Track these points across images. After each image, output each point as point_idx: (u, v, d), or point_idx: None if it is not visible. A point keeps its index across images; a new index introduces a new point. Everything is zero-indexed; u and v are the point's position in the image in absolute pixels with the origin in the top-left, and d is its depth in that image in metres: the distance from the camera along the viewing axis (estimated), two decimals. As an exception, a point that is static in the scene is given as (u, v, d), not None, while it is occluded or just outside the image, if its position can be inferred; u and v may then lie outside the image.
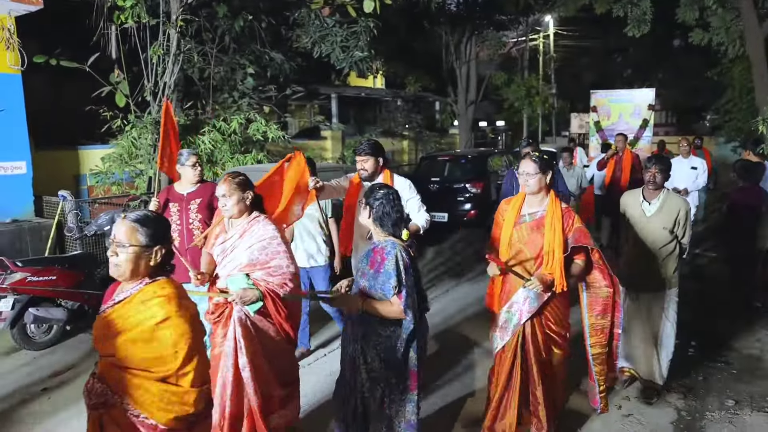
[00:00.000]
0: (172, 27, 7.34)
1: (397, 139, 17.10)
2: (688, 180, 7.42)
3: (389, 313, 2.57)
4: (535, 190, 3.14)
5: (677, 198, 3.83)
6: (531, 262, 3.15)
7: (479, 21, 16.09)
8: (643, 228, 3.84)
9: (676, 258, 3.85)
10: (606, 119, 11.22)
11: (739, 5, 10.33)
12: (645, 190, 3.88)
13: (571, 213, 3.15)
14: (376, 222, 2.67)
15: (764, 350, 4.73)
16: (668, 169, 3.76)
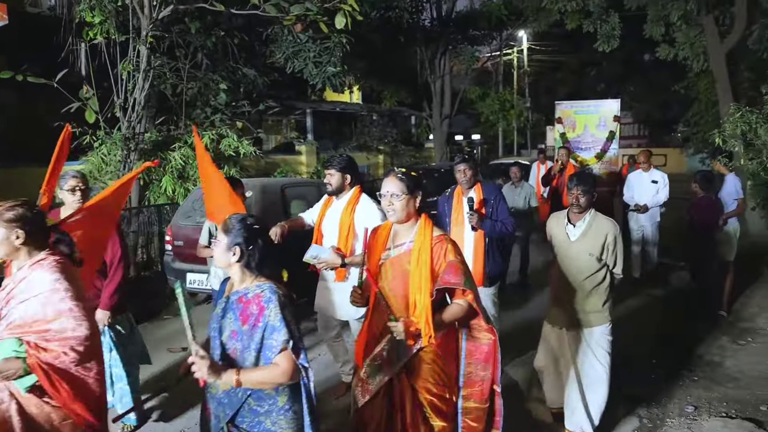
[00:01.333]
0: (142, 43, 7.32)
1: (372, 153, 17.18)
2: (648, 194, 7.13)
3: (275, 379, 2.03)
4: (401, 216, 2.50)
5: (605, 221, 3.42)
6: (397, 308, 2.51)
7: (453, 36, 16.33)
8: (568, 254, 3.45)
9: (606, 290, 3.45)
10: (572, 131, 10.99)
11: (701, 22, 10.65)
12: (570, 212, 3.50)
13: (444, 243, 2.51)
14: (249, 266, 2.12)
15: (725, 357, 4.84)
16: (592, 189, 3.37)
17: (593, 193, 3.41)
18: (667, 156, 26.99)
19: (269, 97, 10.99)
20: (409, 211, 2.52)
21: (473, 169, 4.14)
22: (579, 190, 3.36)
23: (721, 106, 10.70)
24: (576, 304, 3.45)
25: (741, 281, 6.85)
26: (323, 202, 3.99)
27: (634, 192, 7.24)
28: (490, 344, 2.61)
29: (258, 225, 2.17)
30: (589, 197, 3.38)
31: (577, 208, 3.42)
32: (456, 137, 27.09)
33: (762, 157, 5.46)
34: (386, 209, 2.53)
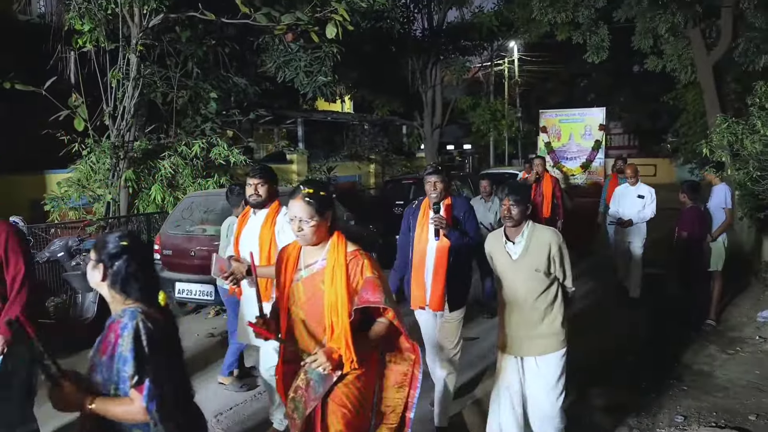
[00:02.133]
0: (132, 51, 7.31)
1: (364, 162, 17.20)
2: (633, 209, 6.75)
3: (131, 415, 1.79)
4: (312, 241, 2.31)
5: (545, 231, 3.13)
6: (313, 334, 2.35)
7: (444, 47, 16.42)
8: (513, 275, 3.12)
9: (561, 307, 3.14)
10: (557, 140, 10.73)
11: (688, 35, 10.79)
12: (506, 229, 3.17)
13: (359, 258, 2.33)
14: (115, 287, 1.90)
15: (714, 366, 4.84)
16: (526, 200, 3.07)
17: (527, 204, 3.10)
18: (657, 166, 27.26)
19: (260, 106, 11.00)
20: (321, 233, 2.32)
21: (445, 182, 3.64)
22: (510, 200, 3.04)
23: (708, 116, 10.82)
24: (530, 328, 3.11)
25: (729, 291, 6.90)
26: (238, 220, 3.76)
27: (620, 206, 6.96)
28: (410, 364, 2.47)
29: (127, 242, 1.91)
30: (522, 208, 3.06)
31: (510, 222, 3.08)
32: (447, 147, 27.21)
33: (749, 167, 5.51)
34: (296, 234, 2.31)
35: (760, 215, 7.13)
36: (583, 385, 4.43)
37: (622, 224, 6.74)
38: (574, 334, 3.06)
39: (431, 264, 3.62)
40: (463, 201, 3.83)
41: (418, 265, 3.67)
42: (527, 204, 3.08)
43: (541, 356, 3.12)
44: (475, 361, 4.96)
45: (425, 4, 16.08)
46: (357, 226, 8.17)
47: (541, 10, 11.42)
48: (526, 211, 3.08)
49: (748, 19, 9.57)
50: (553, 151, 10.84)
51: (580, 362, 4.89)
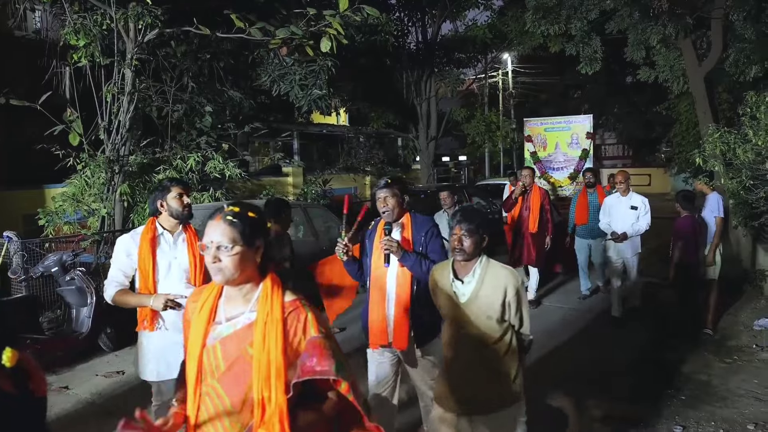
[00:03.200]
0: (127, 66, 7.33)
1: (359, 174, 17.23)
2: (626, 222, 6.26)
3: None
4: (233, 276, 1.68)
5: (501, 270, 2.61)
6: (235, 416, 1.70)
7: (438, 59, 16.55)
8: (459, 319, 2.60)
9: (515, 358, 2.63)
10: (542, 150, 10.36)
11: (680, 46, 10.90)
12: (455, 263, 2.67)
13: (301, 312, 1.72)
14: None
15: (712, 375, 4.83)
16: (482, 227, 2.56)
17: (483, 235, 2.57)
18: (651, 176, 27.42)
19: (256, 120, 11.02)
20: (247, 270, 1.70)
21: (397, 197, 3.13)
22: (462, 229, 2.53)
23: (701, 126, 10.91)
24: (478, 383, 2.60)
25: (725, 300, 6.91)
26: (138, 244, 3.15)
27: (611, 218, 6.45)
28: None
29: None
30: (476, 239, 2.54)
31: (460, 255, 2.57)
32: (443, 159, 27.28)
33: (741, 176, 5.54)
34: (210, 267, 1.69)
35: (755, 224, 7.17)
36: (581, 396, 4.41)
37: (616, 239, 6.25)
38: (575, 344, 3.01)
39: (392, 293, 3.14)
40: (424, 219, 3.26)
41: (378, 295, 3.18)
42: (483, 235, 2.57)
43: (493, 414, 2.61)
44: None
45: (419, 18, 16.23)
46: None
47: (534, 22, 11.54)
48: (482, 243, 2.57)
49: (738, 30, 9.69)
50: (539, 161, 10.45)
51: (578, 373, 4.90)
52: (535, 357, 5.39)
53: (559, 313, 6.86)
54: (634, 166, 30.22)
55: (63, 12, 7.42)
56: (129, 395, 4.81)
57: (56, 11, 7.80)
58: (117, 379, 5.17)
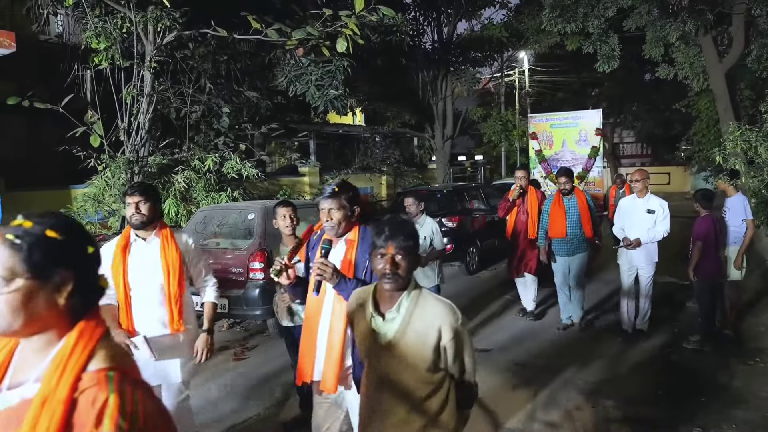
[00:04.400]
0: (147, 68, 7.45)
1: (375, 174, 17.27)
2: (642, 227, 5.59)
3: None
4: (10, 324, 1.13)
5: (435, 304, 2.02)
6: None
7: (454, 59, 16.51)
8: (381, 366, 2.05)
9: (452, 416, 2.06)
10: (548, 147, 9.37)
11: (700, 42, 10.76)
12: (378, 292, 2.08)
13: (101, 389, 1.08)
14: None
15: (733, 378, 4.76)
16: (412, 247, 2.00)
17: (416, 253, 2.03)
18: (671, 174, 27.07)
19: (272, 120, 11.12)
20: (40, 313, 1.14)
21: (345, 209, 2.59)
22: (395, 246, 1.96)
23: (721, 124, 10.76)
24: None
25: (748, 300, 6.80)
26: (113, 250, 3.01)
27: (625, 222, 5.80)
28: None
29: None
30: (413, 260, 2.00)
31: (393, 282, 1.97)
32: (459, 158, 27.21)
33: (763, 174, 5.45)
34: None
35: (777, 223, 7.05)
36: (600, 398, 4.38)
37: (629, 245, 5.65)
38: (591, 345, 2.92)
39: (325, 326, 2.55)
40: None
41: (309, 325, 2.65)
42: (416, 252, 2.03)
43: None
44: (490, 378, 4.92)
45: (435, 17, 16.20)
46: (369, 238, 8.19)
47: (550, 20, 11.47)
48: (414, 263, 2.02)
49: (761, 26, 9.53)
50: (545, 159, 9.45)
51: (595, 373, 4.87)
52: (548, 355, 5.38)
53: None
54: (653, 165, 29.89)
55: (84, 16, 7.57)
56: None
57: (78, 15, 7.94)
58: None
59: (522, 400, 4.42)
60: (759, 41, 9.85)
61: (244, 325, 6.67)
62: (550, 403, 4.34)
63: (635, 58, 14.33)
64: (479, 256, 9.71)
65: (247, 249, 6.06)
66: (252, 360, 5.60)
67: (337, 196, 2.59)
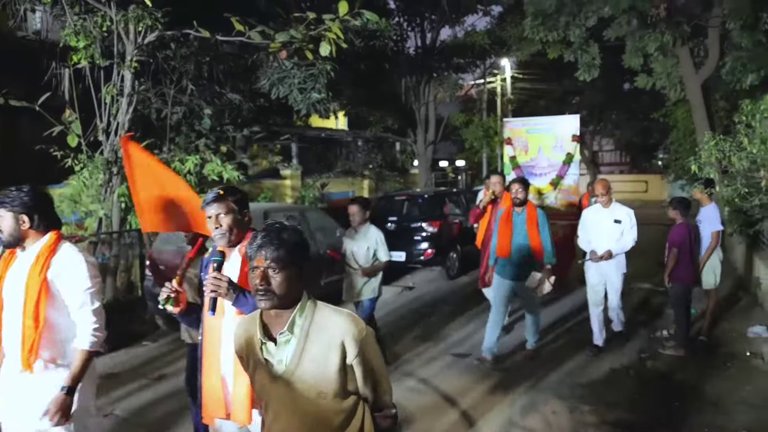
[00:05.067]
0: (127, 68, 7.35)
1: (357, 178, 17.28)
2: (610, 237, 5.45)
3: None
4: None
5: (334, 316, 1.78)
6: None
7: (437, 64, 16.61)
8: (279, 400, 1.79)
9: None
10: (523, 153, 8.96)
11: (677, 53, 10.98)
12: (264, 313, 1.82)
13: None
14: None
15: (705, 382, 4.85)
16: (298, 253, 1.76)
17: (300, 266, 1.76)
18: (649, 182, 27.53)
19: (255, 123, 11.04)
20: None
21: (234, 213, 2.37)
22: (266, 258, 1.70)
23: (697, 134, 10.98)
24: None
25: (721, 307, 6.94)
26: (3, 260, 2.67)
27: (592, 234, 5.63)
28: None
29: None
30: (290, 273, 1.72)
31: (268, 300, 1.71)
32: (440, 163, 27.34)
33: (736, 184, 5.58)
34: None
35: (750, 231, 7.21)
36: (577, 403, 4.43)
37: (597, 259, 5.47)
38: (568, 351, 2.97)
39: (229, 349, 2.17)
40: None
41: (211, 352, 2.37)
42: (301, 265, 1.75)
43: None
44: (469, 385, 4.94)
45: (418, 23, 16.29)
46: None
47: (532, 28, 11.60)
48: (300, 278, 1.75)
49: (735, 39, 9.76)
50: (519, 166, 9.03)
51: (572, 378, 4.92)
52: (527, 360, 5.42)
53: (546, 318, 6.85)
54: (632, 173, 30.43)
55: (63, 13, 7.44)
56: (123, 396, 4.82)
57: (57, 12, 7.81)
58: (111, 381, 5.17)
59: (500, 404, 4.46)
60: (733, 54, 10.09)
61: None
62: (528, 407, 4.38)
63: (615, 67, 14.55)
64: (460, 260, 9.76)
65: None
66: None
67: (223, 199, 2.36)
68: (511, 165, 9.08)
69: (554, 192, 8.65)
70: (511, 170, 8.97)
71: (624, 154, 32.01)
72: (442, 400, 4.51)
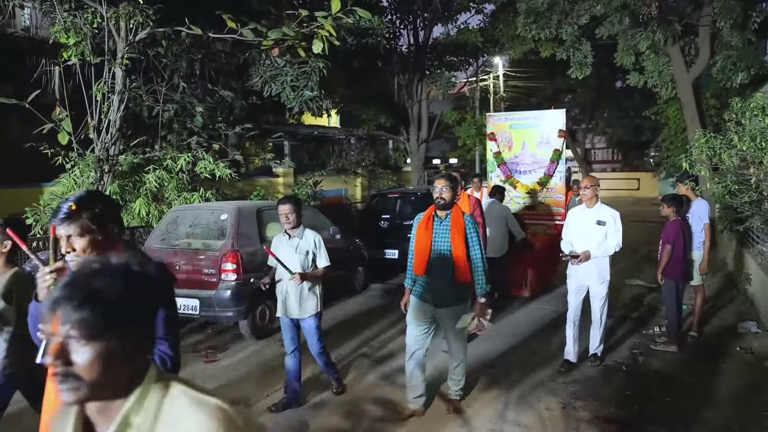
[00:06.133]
0: (118, 65, 7.31)
1: (350, 176, 17.27)
2: (592, 239, 4.94)
3: None
4: None
5: (187, 413, 1.11)
6: None
7: (430, 62, 16.61)
8: None
9: None
10: (507, 150, 8.57)
11: (668, 52, 11.05)
12: (86, 405, 1.14)
13: None
14: None
15: (697, 378, 4.89)
16: (116, 313, 1.04)
17: (120, 331, 1.06)
18: (641, 180, 27.68)
19: (247, 120, 11.02)
20: None
21: (92, 233, 1.84)
22: (67, 322, 1.03)
23: (689, 131, 11.06)
24: None
25: (712, 303, 7.00)
26: None
27: (574, 235, 5.14)
28: None
29: None
30: (104, 348, 1.04)
31: (67, 389, 1.05)
32: (433, 161, 27.37)
33: (727, 181, 5.62)
34: None
35: (740, 228, 7.27)
36: (570, 399, 4.46)
37: (576, 259, 4.98)
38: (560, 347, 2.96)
39: None
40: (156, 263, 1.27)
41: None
42: (123, 329, 1.07)
43: None
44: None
45: (411, 21, 16.28)
46: (343, 240, 8.18)
47: (525, 27, 11.62)
48: (122, 349, 1.07)
49: (725, 38, 9.83)
50: (504, 162, 8.60)
51: (566, 375, 4.94)
52: (519, 357, 5.44)
53: (538, 314, 6.87)
54: (624, 170, 30.57)
55: (53, 9, 7.39)
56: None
57: (46, 9, 7.75)
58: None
59: (492, 400, 4.47)
60: (723, 53, 10.17)
61: (216, 327, 6.58)
62: (520, 403, 4.40)
63: (607, 65, 14.62)
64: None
65: (219, 250, 5.99)
66: (224, 362, 5.54)
67: (75, 217, 1.81)
68: (495, 162, 8.73)
69: (542, 192, 8.38)
70: (495, 167, 8.68)
71: (616, 152, 32.18)
72: (435, 397, 4.51)
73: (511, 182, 8.43)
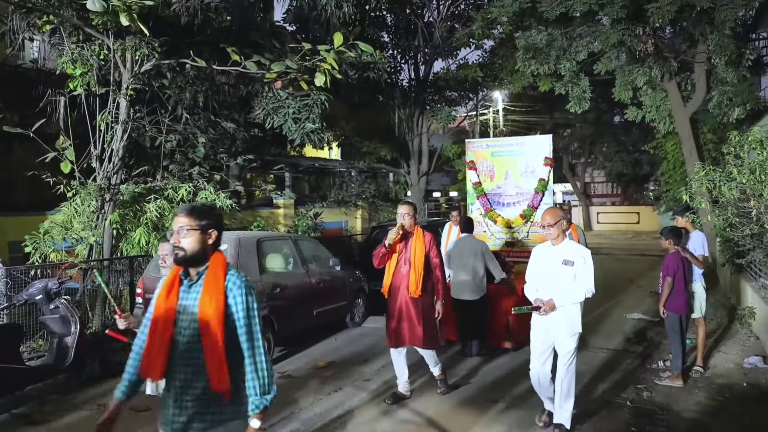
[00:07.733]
0: (122, 96, 7.40)
1: (351, 208, 17.31)
2: (557, 283, 4.11)
3: None
4: None
5: None
6: None
7: (430, 97, 16.83)
8: None
9: None
10: (489, 179, 7.71)
11: (665, 87, 11.21)
12: None
13: None
14: None
15: (703, 413, 4.79)
16: None
17: None
18: (640, 213, 27.75)
19: (249, 152, 11.10)
20: None
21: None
22: None
23: (687, 165, 11.13)
24: None
25: (716, 337, 6.91)
26: None
27: (538, 280, 4.27)
28: None
29: None
30: None
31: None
32: (434, 194, 27.48)
33: (727, 213, 5.63)
34: None
35: (741, 261, 7.24)
36: (572, 433, 4.35)
37: (539, 309, 4.12)
38: None
39: None
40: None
41: None
42: None
43: None
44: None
45: (412, 56, 16.56)
46: (343, 271, 8.14)
47: (524, 62, 11.80)
48: None
49: (720, 74, 9.98)
50: (484, 194, 7.71)
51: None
52: (521, 390, 5.34)
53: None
54: (623, 204, 30.68)
55: (61, 42, 7.53)
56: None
57: (55, 41, 7.90)
58: (99, 411, 5.04)
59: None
60: (719, 88, 10.31)
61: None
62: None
63: (605, 100, 14.83)
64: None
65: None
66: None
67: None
68: (475, 193, 7.80)
69: (526, 226, 7.45)
70: (475, 199, 7.80)
71: (615, 186, 32.32)
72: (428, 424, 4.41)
73: (491, 216, 7.58)
